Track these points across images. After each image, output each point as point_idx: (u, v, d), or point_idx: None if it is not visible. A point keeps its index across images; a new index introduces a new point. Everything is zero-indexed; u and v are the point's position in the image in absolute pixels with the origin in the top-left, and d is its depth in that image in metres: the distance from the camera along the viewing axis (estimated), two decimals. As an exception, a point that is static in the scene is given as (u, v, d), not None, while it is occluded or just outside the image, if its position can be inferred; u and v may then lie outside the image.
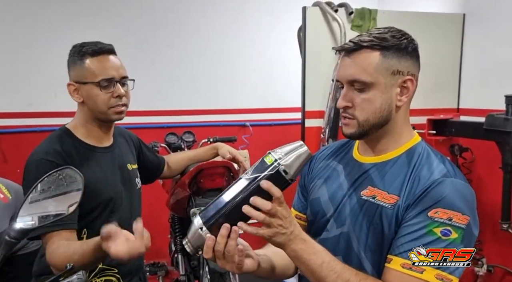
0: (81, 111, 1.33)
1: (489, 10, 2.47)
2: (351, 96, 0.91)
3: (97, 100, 1.27)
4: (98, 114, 1.30)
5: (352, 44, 0.90)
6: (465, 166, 2.48)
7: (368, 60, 0.89)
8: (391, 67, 0.90)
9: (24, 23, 2.81)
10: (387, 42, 0.89)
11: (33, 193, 0.98)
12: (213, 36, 3.21)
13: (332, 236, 0.98)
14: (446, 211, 0.82)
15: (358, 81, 0.89)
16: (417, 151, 0.94)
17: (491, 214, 2.41)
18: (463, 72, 2.65)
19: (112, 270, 1.33)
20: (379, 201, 0.90)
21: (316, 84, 2.41)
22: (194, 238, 0.83)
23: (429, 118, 2.40)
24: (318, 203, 1.03)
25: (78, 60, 1.27)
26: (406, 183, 0.89)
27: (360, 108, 0.90)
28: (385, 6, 3.06)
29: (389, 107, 0.91)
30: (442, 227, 0.81)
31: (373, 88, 0.89)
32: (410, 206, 0.86)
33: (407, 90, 0.92)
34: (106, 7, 2.98)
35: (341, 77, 0.92)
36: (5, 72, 2.84)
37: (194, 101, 3.21)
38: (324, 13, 2.39)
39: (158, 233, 2.76)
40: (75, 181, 1.01)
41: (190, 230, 0.84)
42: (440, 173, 0.88)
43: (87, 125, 1.33)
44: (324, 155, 1.11)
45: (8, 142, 2.86)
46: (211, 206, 0.84)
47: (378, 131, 0.93)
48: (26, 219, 0.93)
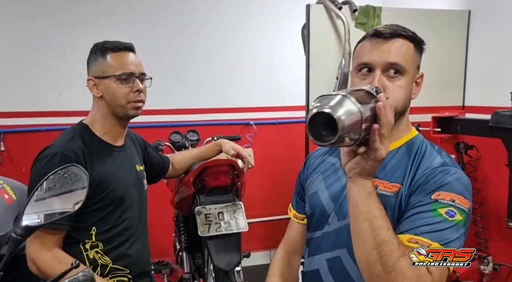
0: (98, 107, 1.34)
1: (494, 7, 2.45)
2: (384, 81, 0.90)
3: (116, 94, 1.30)
4: (116, 108, 1.32)
5: (389, 30, 0.91)
6: (470, 163, 2.47)
7: (405, 48, 0.91)
8: (417, 61, 0.95)
9: (30, 24, 2.82)
10: (417, 37, 0.94)
11: (39, 190, 0.98)
12: (217, 34, 3.21)
13: (333, 229, 0.98)
14: (448, 193, 0.84)
15: (398, 64, 0.89)
16: (416, 143, 0.97)
17: (497, 212, 2.40)
18: (468, 70, 2.63)
19: (124, 271, 1.34)
20: (382, 191, 0.91)
21: (321, 82, 2.40)
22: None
23: (434, 116, 2.39)
24: (317, 198, 1.03)
25: (99, 56, 1.31)
26: (409, 172, 0.91)
27: (392, 95, 0.88)
28: (389, 3, 3.05)
29: (410, 98, 0.95)
30: (447, 208, 0.82)
31: (405, 76, 0.91)
32: (413, 193, 0.87)
33: (418, 85, 0.98)
34: (111, 8, 2.99)
35: (377, 60, 0.90)
36: (11, 71, 2.85)
37: (198, 100, 3.22)
38: (328, 11, 2.39)
39: (162, 232, 2.77)
40: (80, 179, 1.01)
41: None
42: (439, 162, 0.91)
43: (104, 121, 1.34)
44: (320, 153, 1.13)
45: (13, 141, 2.87)
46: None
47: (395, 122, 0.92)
48: (32, 216, 0.94)
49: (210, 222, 1.85)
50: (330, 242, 0.98)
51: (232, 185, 1.99)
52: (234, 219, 1.88)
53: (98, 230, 1.29)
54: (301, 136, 2.54)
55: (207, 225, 1.84)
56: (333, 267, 0.97)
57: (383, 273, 0.76)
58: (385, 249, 0.77)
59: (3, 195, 1.95)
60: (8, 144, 2.86)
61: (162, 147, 2.44)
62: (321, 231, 1.01)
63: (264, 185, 3.38)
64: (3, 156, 2.85)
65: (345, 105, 0.68)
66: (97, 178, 1.26)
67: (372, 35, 0.93)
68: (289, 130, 3.34)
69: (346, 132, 0.67)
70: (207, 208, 1.90)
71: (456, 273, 2.34)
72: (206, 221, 1.85)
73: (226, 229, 1.85)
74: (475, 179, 2.46)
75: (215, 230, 1.84)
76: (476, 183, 2.46)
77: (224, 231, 1.85)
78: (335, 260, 0.94)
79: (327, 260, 0.99)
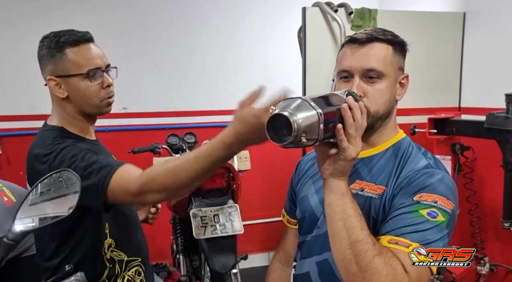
0: (64, 108, 1.22)
1: (489, 8, 2.46)
2: (363, 86, 0.91)
3: (86, 93, 1.18)
4: (88, 108, 1.20)
5: (365, 36, 0.92)
6: (466, 164, 2.47)
7: (383, 52, 0.91)
8: (398, 62, 0.94)
9: (27, 26, 2.83)
10: (397, 38, 0.94)
11: (33, 195, 0.99)
12: (214, 37, 3.22)
13: (323, 232, 0.98)
14: (430, 194, 0.84)
15: (375, 70, 0.90)
16: (403, 145, 0.97)
17: (493, 212, 2.41)
18: (464, 71, 2.64)
19: (137, 260, 1.32)
20: (367, 193, 0.92)
21: (317, 84, 2.41)
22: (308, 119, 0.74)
23: (430, 117, 2.39)
24: (307, 202, 1.04)
25: (56, 52, 1.17)
26: (394, 174, 0.91)
27: (372, 99, 0.90)
28: (385, 6, 3.06)
29: (393, 100, 0.95)
30: (428, 209, 0.82)
31: (385, 79, 0.91)
32: (396, 195, 0.88)
33: (403, 86, 0.97)
34: (109, 8, 3.00)
35: (355, 66, 0.91)
36: (8, 74, 2.86)
37: (195, 102, 3.22)
38: (324, 14, 2.40)
39: (160, 234, 2.77)
40: (74, 183, 1.02)
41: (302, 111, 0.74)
42: (423, 164, 0.91)
43: (75, 121, 1.23)
44: (310, 157, 1.14)
45: (11, 144, 2.88)
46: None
47: (380, 124, 0.95)
48: (25, 221, 0.95)
49: (206, 225, 1.86)
50: (319, 245, 0.99)
51: (228, 187, 2.00)
52: (230, 221, 1.89)
53: (110, 227, 1.25)
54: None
55: (203, 228, 1.85)
56: (322, 270, 0.98)
57: (359, 272, 0.77)
58: (359, 248, 0.77)
59: (2, 197, 1.96)
60: (5, 147, 2.86)
61: (159, 150, 2.45)
62: (311, 235, 1.02)
63: (262, 187, 3.38)
64: (1, 160, 2.85)
65: (302, 108, 0.74)
66: None
67: (350, 41, 0.94)
68: (286, 132, 3.35)
69: (302, 132, 0.72)
70: (203, 210, 1.90)
71: (453, 274, 2.34)
72: (201, 223, 1.86)
73: (222, 232, 1.86)
74: (471, 180, 2.46)
75: (210, 232, 1.85)
76: (472, 184, 2.47)
77: (219, 234, 1.86)
78: (324, 263, 0.94)
79: (317, 263, 0.99)
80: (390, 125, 0.98)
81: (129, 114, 3.03)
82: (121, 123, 2.96)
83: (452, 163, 2.42)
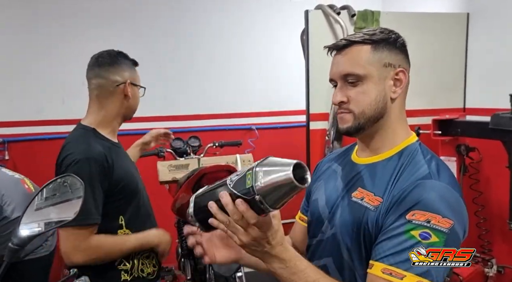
0: (115, 107, 1.46)
1: (493, 9, 2.45)
2: (345, 91, 0.91)
3: (137, 101, 1.53)
4: (131, 111, 1.53)
5: (344, 41, 0.92)
6: (472, 165, 2.46)
7: (359, 54, 0.90)
8: (383, 59, 0.90)
9: (34, 33, 2.86)
10: (377, 36, 0.91)
11: (38, 199, 1.00)
12: (218, 41, 3.23)
13: (326, 237, 0.97)
14: (424, 212, 0.78)
15: (352, 74, 0.90)
16: (408, 152, 0.91)
17: (500, 214, 2.39)
18: (468, 72, 2.63)
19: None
20: (365, 203, 0.89)
21: (320, 87, 2.41)
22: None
23: (434, 119, 2.38)
24: (316, 205, 1.03)
25: (131, 66, 1.49)
26: (390, 185, 0.87)
27: (355, 101, 0.90)
28: (388, 8, 3.05)
29: (384, 99, 0.91)
30: (420, 230, 0.77)
31: (366, 80, 0.90)
32: (388, 210, 0.83)
33: (400, 82, 0.92)
34: (113, 17, 3.03)
35: (334, 74, 0.93)
36: (14, 81, 2.89)
37: (199, 106, 3.24)
38: (327, 16, 2.40)
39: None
40: (78, 188, 1.03)
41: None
42: (421, 174, 0.85)
43: (113, 121, 1.48)
44: (329, 159, 1.12)
45: (18, 150, 2.90)
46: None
47: (374, 125, 0.92)
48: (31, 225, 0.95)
49: (211, 228, 1.86)
50: (320, 250, 0.99)
51: (232, 190, 2.00)
52: (234, 224, 1.89)
53: (126, 218, 1.42)
54: (302, 141, 2.55)
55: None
56: None
57: None
58: None
59: (24, 185, 2.03)
60: (12, 152, 2.89)
61: (163, 154, 2.45)
62: (316, 239, 1.01)
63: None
64: (7, 165, 2.87)
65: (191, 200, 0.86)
66: (121, 175, 1.39)
67: (329, 49, 0.95)
68: (290, 135, 3.35)
69: (192, 220, 0.86)
70: (208, 214, 1.90)
71: (460, 276, 2.32)
72: (206, 227, 1.86)
73: (227, 235, 1.85)
74: (477, 181, 2.45)
75: (215, 236, 1.85)
76: (478, 185, 2.45)
77: (224, 237, 1.85)
78: (323, 268, 0.91)
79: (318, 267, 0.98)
80: (390, 126, 0.93)
81: (133, 119, 3.05)
82: (125, 128, 2.98)
83: (457, 164, 2.41)
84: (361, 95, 0.90)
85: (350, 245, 0.90)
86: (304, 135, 2.51)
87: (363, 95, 0.90)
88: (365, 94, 0.90)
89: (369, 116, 0.91)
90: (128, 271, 1.40)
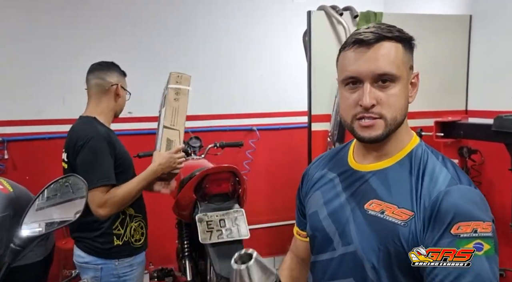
0: (109, 104, 1.79)
1: (495, 11, 2.45)
2: (375, 93, 0.81)
3: (124, 101, 1.86)
4: (120, 108, 1.84)
5: (372, 35, 0.80)
6: (474, 168, 2.45)
7: (394, 52, 0.81)
8: (409, 61, 0.84)
9: (34, 33, 2.85)
10: (405, 34, 0.83)
11: (40, 199, 0.99)
12: (219, 42, 3.22)
13: (338, 255, 0.89)
14: (467, 223, 0.73)
15: (388, 74, 0.80)
16: (417, 154, 0.86)
17: (502, 216, 2.38)
18: (470, 74, 2.62)
19: (139, 216, 1.78)
20: (390, 217, 0.80)
21: (322, 88, 2.40)
22: None
23: (436, 121, 2.38)
24: (317, 218, 0.94)
25: (122, 74, 1.84)
26: (415, 195, 0.80)
27: (387, 106, 0.80)
28: (391, 9, 3.05)
29: (407, 104, 0.85)
30: (472, 242, 0.72)
31: (398, 82, 0.81)
32: (426, 227, 0.77)
33: (414, 86, 0.87)
34: (117, 16, 3.01)
35: (363, 72, 0.81)
36: (14, 80, 2.87)
37: (200, 106, 3.22)
38: (329, 17, 2.39)
39: (165, 239, 2.77)
40: (80, 188, 1.02)
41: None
42: (445, 180, 0.79)
43: (108, 114, 1.79)
44: (318, 166, 1.03)
45: (17, 149, 2.89)
46: None
47: (394, 131, 0.84)
48: (32, 226, 0.94)
49: (212, 229, 1.85)
50: (334, 269, 0.90)
51: (234, 191, 1.99)
52: (236, 226, 1.88)
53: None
54: (304, 142, 2.54)
55: (209, 233, 1.84)
56: None
57: None
58: None
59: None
60: (12, 152, 2.88)
61: (164, 154, 2.44)
62: (325, 255, 0.92)
63: (268, 191, 3.37)
64: (7, 164, 2.86)
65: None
66: (121, 152, 1.72)
67: (354, 43, 0.82)
68: (292, 136, 3.34)
69: None
70: (209, 215, 1.90)
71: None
72: (207, 228, 1.85)
73: (228, 236, 1.85)
74: (479, 184, 2.44)
75: (216, 237, 1.84)
76: (481, 188, 2.44)
77: (225, 238, 1.85)
78: None
79: None
80: (402, 131, 0.87)
81: (134, 119, 3.04)
82: (126, 127, 2.97)
83: (460, 166, 2.40)
84: (393, 98, 0.81)
85: (377, 264, 0.81)
86: (305, 137, 2.50)
87: (395, 98, 0.81)
88: (397, 98, 0.81)
89: (399, 122, 0.83)
90: (120, 236, 1.68)
